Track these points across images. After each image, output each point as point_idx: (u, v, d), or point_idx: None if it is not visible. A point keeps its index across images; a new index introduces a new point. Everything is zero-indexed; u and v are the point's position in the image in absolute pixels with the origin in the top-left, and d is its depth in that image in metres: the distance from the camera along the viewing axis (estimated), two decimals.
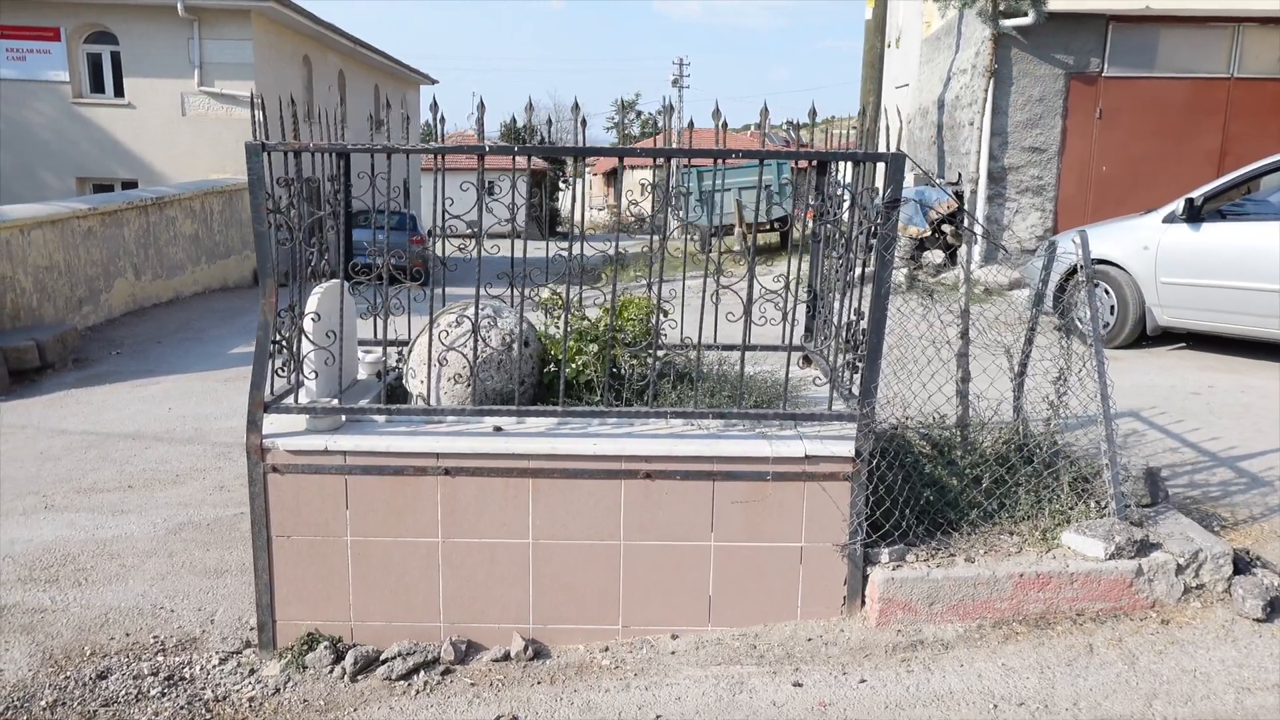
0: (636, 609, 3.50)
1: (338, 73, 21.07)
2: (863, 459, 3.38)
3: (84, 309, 10.47)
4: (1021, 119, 10.52)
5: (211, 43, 15.81)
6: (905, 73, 15.67)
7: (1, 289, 8.94)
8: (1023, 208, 10.71)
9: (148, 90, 15.92)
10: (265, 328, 3.28)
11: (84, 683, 3.45)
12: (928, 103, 12.19)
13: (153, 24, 15.64)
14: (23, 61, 15.61)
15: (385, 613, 3.49)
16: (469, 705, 3.20)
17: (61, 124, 15.91)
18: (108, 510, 5.16)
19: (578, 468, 3.39)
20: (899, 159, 3.22)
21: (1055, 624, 3.39)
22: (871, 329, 3.35)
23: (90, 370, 8.88)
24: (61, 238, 10.12)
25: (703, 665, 3.34)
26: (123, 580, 4.31)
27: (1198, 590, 3.47)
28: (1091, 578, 3.40)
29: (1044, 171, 10.64)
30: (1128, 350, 7.73)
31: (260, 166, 3.15)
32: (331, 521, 3.42)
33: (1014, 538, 3.61)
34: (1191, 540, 3.54)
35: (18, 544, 4.72)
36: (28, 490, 5.51)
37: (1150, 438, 5.32)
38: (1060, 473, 3.78)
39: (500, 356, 3.65)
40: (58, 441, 6.54)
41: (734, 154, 3.33)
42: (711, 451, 3.38)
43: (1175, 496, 4.36)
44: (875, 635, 3.40)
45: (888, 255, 3.26)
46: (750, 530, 3.45)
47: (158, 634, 3.82)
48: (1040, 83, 10.46)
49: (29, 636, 3.81)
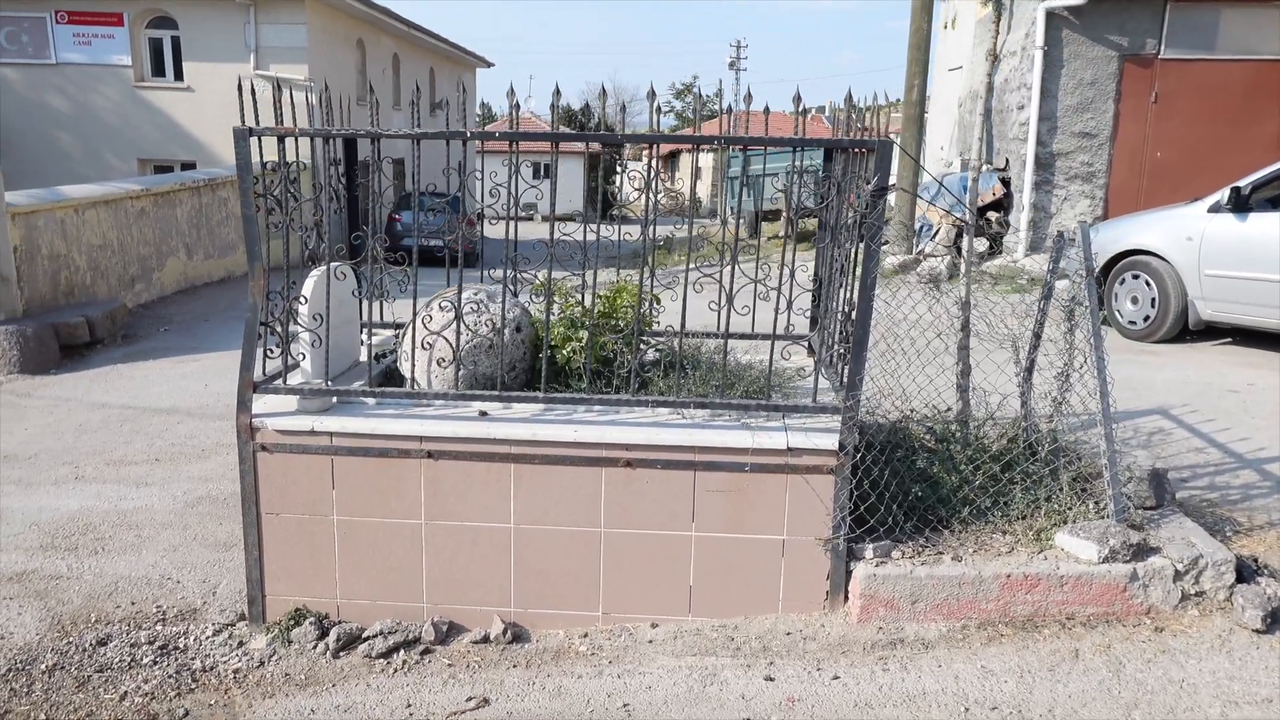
0: (617, 597, 3.50)
1: (392, 56, 21.33)
2: (846, 452, 3.32)
3: (136, 287, 10.80)
4: (1072, 103, 10.17)
5: (267, 27, 16.12)
6: (959, 55, 15.27)
7: (56, 267, 9.26)
8: (1071, 195, 10.38)
9: (207, 74, 16.30)
10: (254, 310, 3.34)
11: (84, 648, 3.58)
12: (978, 86, 11.86)
13: (211, 9, 16.00)
14: (88, 46, 16.11)
15: (371, 591, 3.55)
16: (443, 685, 3.25)
17: (125, 107, 16.39)
18: (133, 482, 5.33)
19: (558, 454, 3.39)
20: (886, 146, 3.14)
21: (1042, 627, 3.30)
22: (857, 321, 3.28)
23: (137, 346, 9.16)
24: (115, 217, 10.44)
25: (678, 655, 3.33)
26: (137, 551, 4.45)
27: (1197, 598, 3.35)
28: (1082, 581, 3.30)
29: (1094, 158, 10.29)
30: (1168, 345, 7.46)
31: (247, 151, 3.20)
32: (319, 501, 3.49)
33: (1007, 537, 3.52)
34: (1193, 545, 3.41)
35: (45, 512, 4.91)
36: (62, 461, 5.73)
37: (1176, 437, 5.13)
38: (1059, 471, 3.67)
39: (491, 341, 3.67)
40: (96, 415, 6.77)
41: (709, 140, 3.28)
42: (692, 441, 3.36)
43: (1192, 499, 4.20)
44: (856, 632, 3.35)
45: (874, 245, 3.19)
46: (732, 521, 3.42)
47: (161, 604, 3.94)
48: (1092, 65, 10.10)
49: (41, 602, 3.96)
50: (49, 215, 9.19)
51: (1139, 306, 7.49)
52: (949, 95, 15.46)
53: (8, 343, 7.99)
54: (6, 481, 5.38)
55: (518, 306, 3.79)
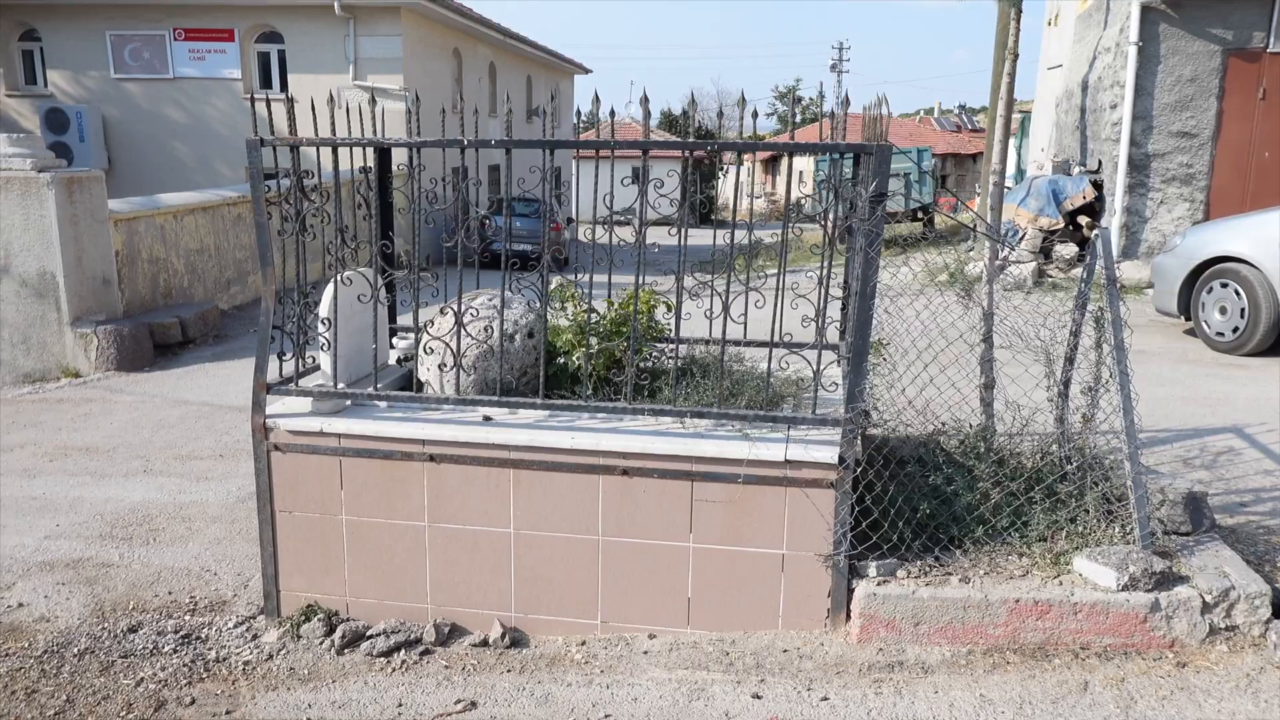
0: (615, 605, 3.48)
1: (488, 64, 21.81)
2: (847, 466, 3.21)
3: (231, 289, 11.36)
4: (1170, 101, 9.60)
5: (365, 39, 16.72)
6: (1060, 52, 14.65)
7: (155, 270, 9.83)
8: (1168, 198, 9.80)
9: (309, 85, 16.93)
10: (266, 314, 3.46)
11: (116, 634, 3.77)
12: (1074, 84, 11.33)
13: (313, 23, 16.69)
14: (202, 61, 17.04)
15: (378, 591, 3.63)
16: (436, 687, 3.29)
17: (234, 118, 17.25)
18: (195, 476, 5.61)
19: (557, 460, 3.40)
20: (884, 151, 3.03)
21: (1053, 657, 3.12)
22: (856, 331, 3.17)
23: (226, 346, 9.63)
24: (212, 223, 11.00)
25: (670, 668, 3.29)
26: (185, 542, 4.67)
27: (1228, 632, 3.11)
28: (1098, 609, 3.11)
29: (1194, 159, 9.68)
30: (1259, 358, 6.95)
31: (259, 160, 3.32)
32: (329, 500, 3.59)
33: (1023, 560, 3.34)
34: (1226, 576, 3.16)
35: (110, 503, 5.21)
36: (136, 455, 6.07)
37: (1246, 457, 4.79)
38: (1085, 491, 3.47)
39: (502, 346, 3.70)
40: (176, 411, 7.15)
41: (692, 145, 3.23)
42: (688, 451, 3.31)
43: (1247, 525, 3.92)
44: (854, 652, 3.24)
45: (872, 253, 3.08)
46: (730, 534, 3.35)
47: (195, 595, 4.13)
48: (1193, 60, 9.51)
49: (89, 588, 4.20)
50: (149, 221, 9.75)
51: (1227, 317, 7.01)
52: (1049, 95, 14.84)
53: (105, 341, 8.51)
54: (84, 473, 5.73)
55: (532, 313, 3.81)
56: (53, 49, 17.43)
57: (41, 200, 8.30)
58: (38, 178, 8.27)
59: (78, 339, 8.48)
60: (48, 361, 8.56)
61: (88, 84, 17.40)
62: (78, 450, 6.19)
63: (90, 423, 6.90)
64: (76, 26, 17.18)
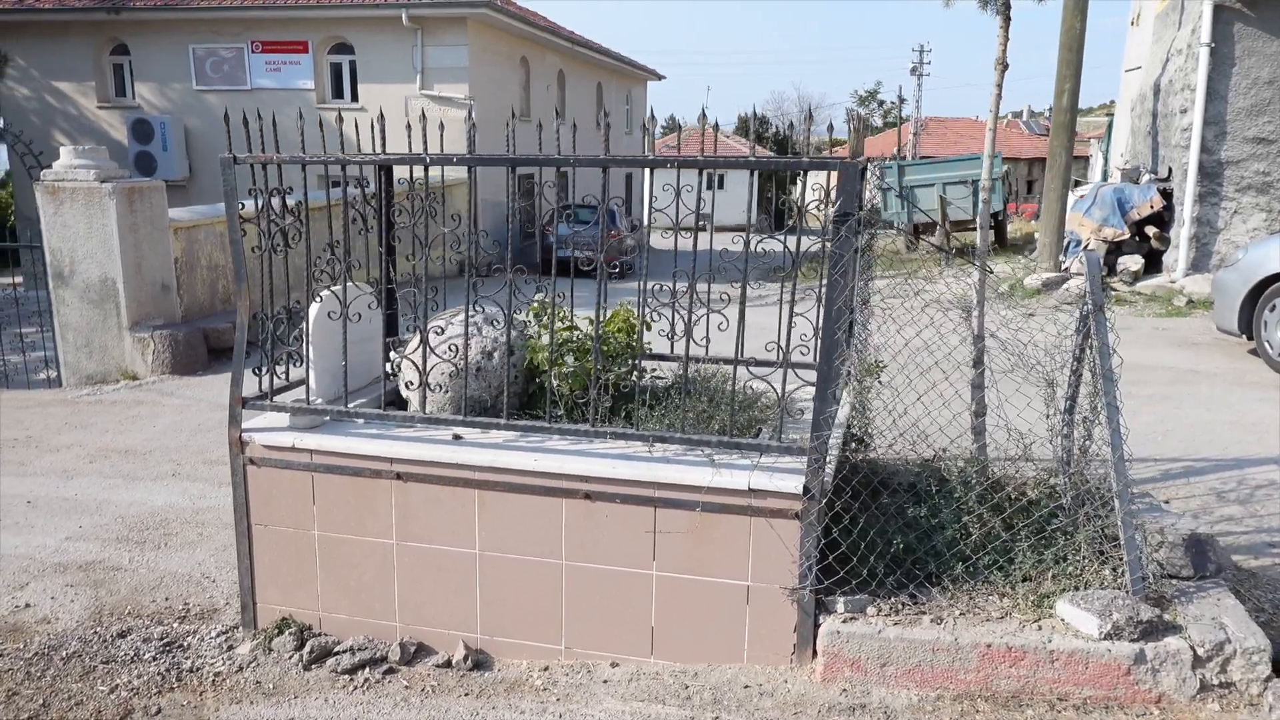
0: (579, 631, 3.41)
1: (557, 72, 21.98)
2: (812, 496, 3.08)
3: (292, 295, 11.65)
4: (1245, 105, 9.05)
5: (432, 49, 17.04)
6: (1140, 54, 14.00)
7: (214, 276, 10.15)
8: (1243, 208, 9.23)
9: (378, 94, 17.40)
10: (240, 329, 3.50)
11: (105, 640, 3.86)
12: (1147, 87, 10.80)
13: (382, 34, 17.10)
14: (278, 72, 17.62)
15: (349, 607, 3.63)
16: (394, 708, 3.27)
17: (307, 127, 17.77)
18: (217, 482, 5.74)
19: (520, 482, 3.35)
20: (850, 168, 2.88)
21: (1027, 707, 2.93)
22: (822, 355, 3.04)
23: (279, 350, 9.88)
24: None
25: (626, 700, 3.20)
26: (193, 548, 4.78)
27: (1222, 690, 2.86)
28: (1076, 658, 2.90)
29: (1272, 166, 9.10)
30: None
31: (233, 178, 3.36)
32: (301, 515, 3.61)
33: (1005, 600, 3.15)
34: (1223, 627, 2.92)
35: (134, 506, 5.37)
36: (169, 458, 6.25)
37: None
38: (1078, 527, 3.25)
39: (479, 365, 3.68)
40: (216, 415, 7.34)
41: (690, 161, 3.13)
42: (649, 476, 3.22)
43: (1275, 568, 3.62)
44: (817, 691, 3.10)
45: (835, 274, 2.94)
46: (693, 563, 3.25)
47: (190, 601, 4.20)
48: (1270, 62, 8.94)
49: (94, 591, 4.32)
50: (209, 229, 10.08)
51: None
52: (1128, 98, 14.21)
53: (161, 345, 8.83)
54: (118, 475, 5.93)
55: (514, 330, 3.77)
56: (140, 63, 18.26)
57: (104, 209, 8.65)
58: (100, 188, 8.62)
59: (136, 343, 8.81)
60: (108, 364, 8.92)
61: (171, 96, 18.17)
62: (117, 453, 6.40)
63: (136, 425, 7.15)
64: (163, 41, 17.96)
